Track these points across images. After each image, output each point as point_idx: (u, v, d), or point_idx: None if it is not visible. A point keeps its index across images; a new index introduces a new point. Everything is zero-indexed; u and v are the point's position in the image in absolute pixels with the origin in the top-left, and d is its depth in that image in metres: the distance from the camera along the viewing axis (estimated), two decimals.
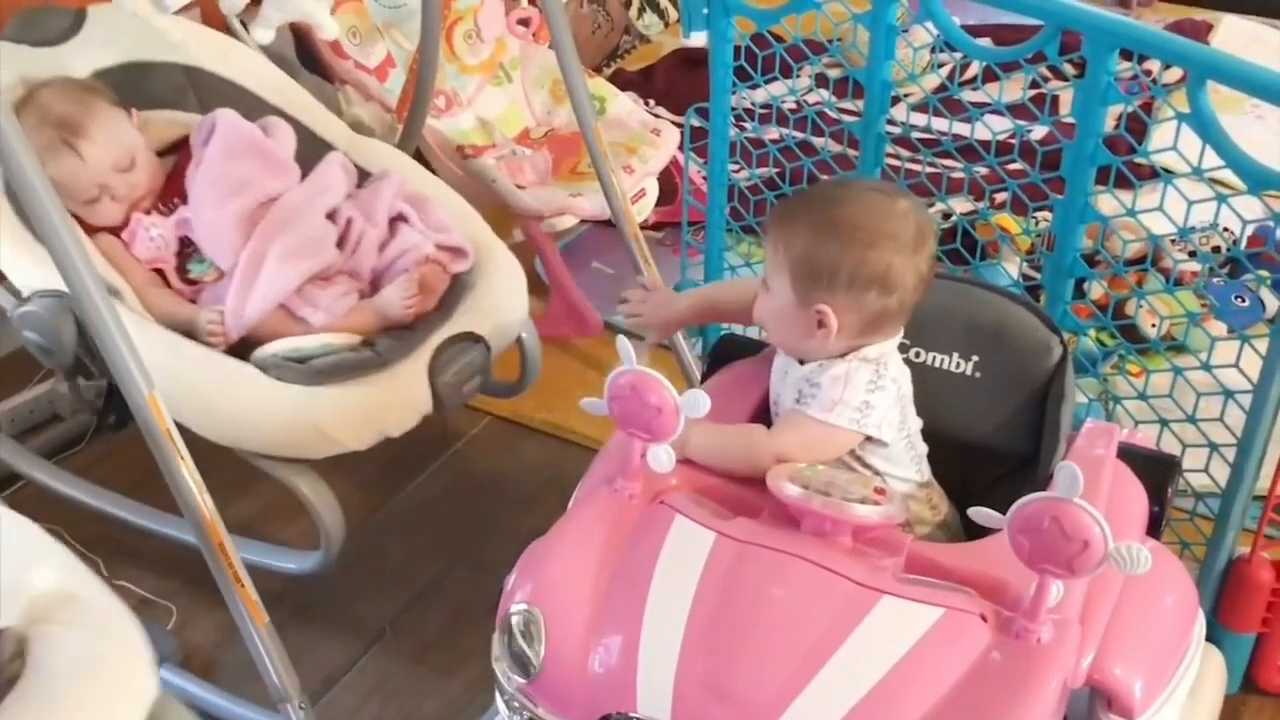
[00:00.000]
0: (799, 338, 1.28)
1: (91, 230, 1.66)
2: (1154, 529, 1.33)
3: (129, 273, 1.64)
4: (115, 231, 1.68)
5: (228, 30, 1.98)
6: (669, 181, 2.45)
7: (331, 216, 1.70)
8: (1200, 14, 3.29)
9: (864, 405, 1.24)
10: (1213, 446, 1.61)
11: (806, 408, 1.25)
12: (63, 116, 1.64)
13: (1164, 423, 1.68)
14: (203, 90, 1.85)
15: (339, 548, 1.62)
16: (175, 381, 1.47)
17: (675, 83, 2.97)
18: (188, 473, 1.37)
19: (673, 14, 3.45)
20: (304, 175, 1.75)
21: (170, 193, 1.72)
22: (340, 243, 1.69)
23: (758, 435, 1.26)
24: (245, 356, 1.57)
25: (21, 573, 1.02)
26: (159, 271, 1.68)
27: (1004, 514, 1.03)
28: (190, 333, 1.60)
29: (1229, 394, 1.58)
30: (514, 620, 1.15)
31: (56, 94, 1.67)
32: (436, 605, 1.77)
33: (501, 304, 1.72)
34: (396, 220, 1.73)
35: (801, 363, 1.30)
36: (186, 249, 1.69)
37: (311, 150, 1.81)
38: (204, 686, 1.61)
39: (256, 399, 1.53)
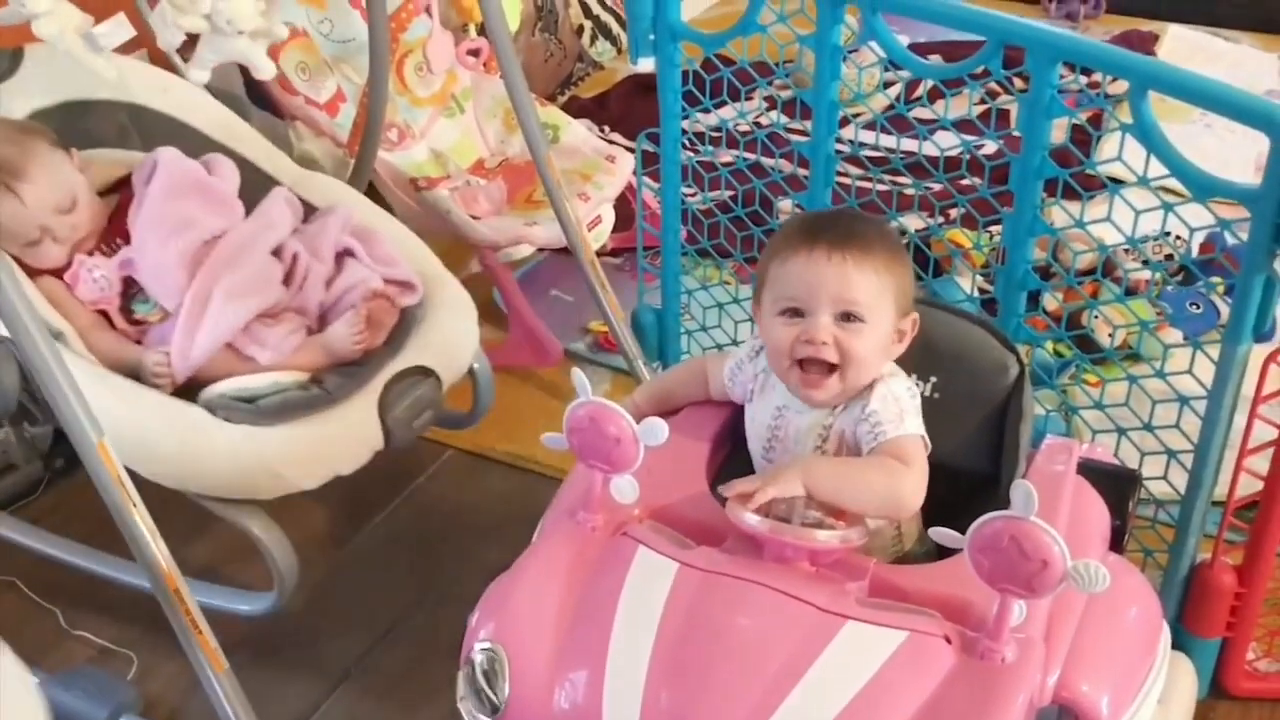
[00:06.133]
0: (881, 362, 1.26)
1: (34, 273, 1.64)
2: (1116, 543, 1.33)
3: (72, 315, 1.62)
4: (58, 274, 1.66)
5: (170, 67, 1.96)
6: (626, 207, 2.45)
7: (277, 253, 1.69)
8: (1147, 25, 3.35)
9: (916, 410, 1.25)
10: (1170, 454, 1.62)
11: (886, 432, 1.22)
12: (1, 159, 1.62)
13: (1122, 431, 1.69)
14: (145, 128, 1.84)
15: (292, 588, 1.59)
16: (121, 426, 1.46)
17: (629, 109, 2.99)
18: (140, 519, 1.35)
19: (625, 40, 3.45)
20: (249, 211, 1.74)
21: (113, 233, 1.70)
22: (286, 279, 1.68)
23: (894, 465, 1.20)
24: (192, 397, 1.56)
25: None
26: (103, 313, 1.66)
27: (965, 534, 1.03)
28: (136, 375, 1.58)
29: (1184, 401, 1.59)
30: (478, 659, 1.14)
31: None
32: (402, 642, 1.75)
33: (451, 337, 1.71)
34: (343, 255, 1.72)
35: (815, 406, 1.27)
36: (130, 289, 1.67)
37: (257, 186, 1.79)
38: None
39: (204, 441, 1.51)
